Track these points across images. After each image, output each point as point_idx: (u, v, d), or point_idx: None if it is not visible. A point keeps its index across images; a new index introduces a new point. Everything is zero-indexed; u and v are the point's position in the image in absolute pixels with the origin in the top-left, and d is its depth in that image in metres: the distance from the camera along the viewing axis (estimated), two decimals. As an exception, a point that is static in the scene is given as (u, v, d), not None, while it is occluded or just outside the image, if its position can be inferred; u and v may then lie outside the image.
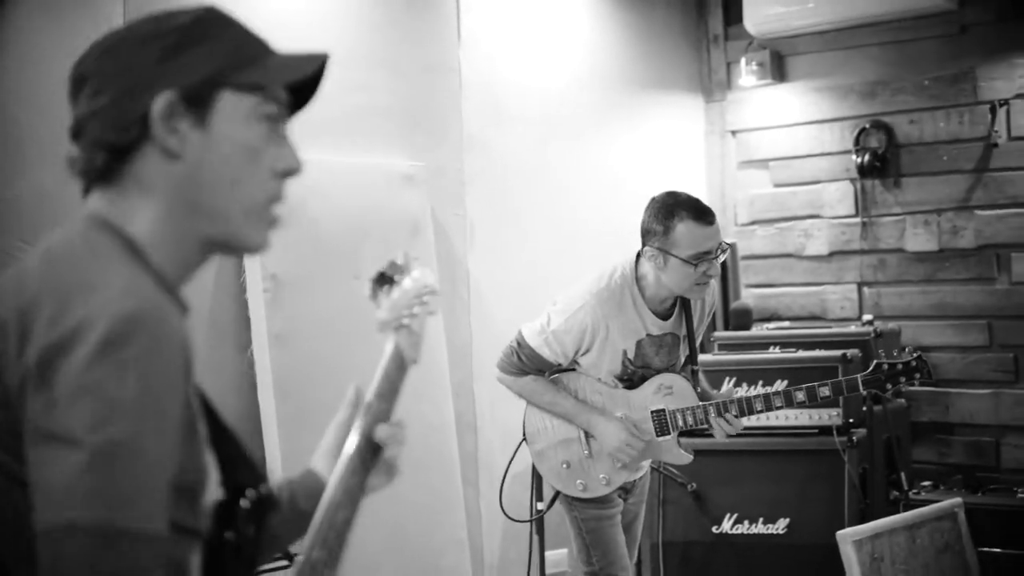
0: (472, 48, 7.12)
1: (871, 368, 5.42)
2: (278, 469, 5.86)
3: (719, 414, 5.28)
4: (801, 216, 8.26)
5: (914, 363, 5.42)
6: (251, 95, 2.10)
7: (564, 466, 5.46)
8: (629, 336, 5.31)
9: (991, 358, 7.58)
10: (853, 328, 7.41)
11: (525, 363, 5.42)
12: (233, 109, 2.07)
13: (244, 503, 2.12)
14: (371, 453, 2.55)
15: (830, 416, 6.68)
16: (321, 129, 6.31)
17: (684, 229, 5.09)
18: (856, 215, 8.00)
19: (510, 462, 5.90)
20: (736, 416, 5.30)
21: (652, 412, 5.37)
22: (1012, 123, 7.44)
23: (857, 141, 7.92)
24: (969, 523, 6.76)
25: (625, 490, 5.53)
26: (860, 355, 6.77)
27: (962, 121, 7.62)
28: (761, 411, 5.35)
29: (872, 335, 7.09)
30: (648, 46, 8.27)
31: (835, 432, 6.63)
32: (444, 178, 6.92)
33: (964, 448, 7.65)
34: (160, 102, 2.01)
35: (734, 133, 8.56)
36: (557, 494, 5.53)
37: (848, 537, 6.09)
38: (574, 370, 5.43)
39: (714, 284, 5.48)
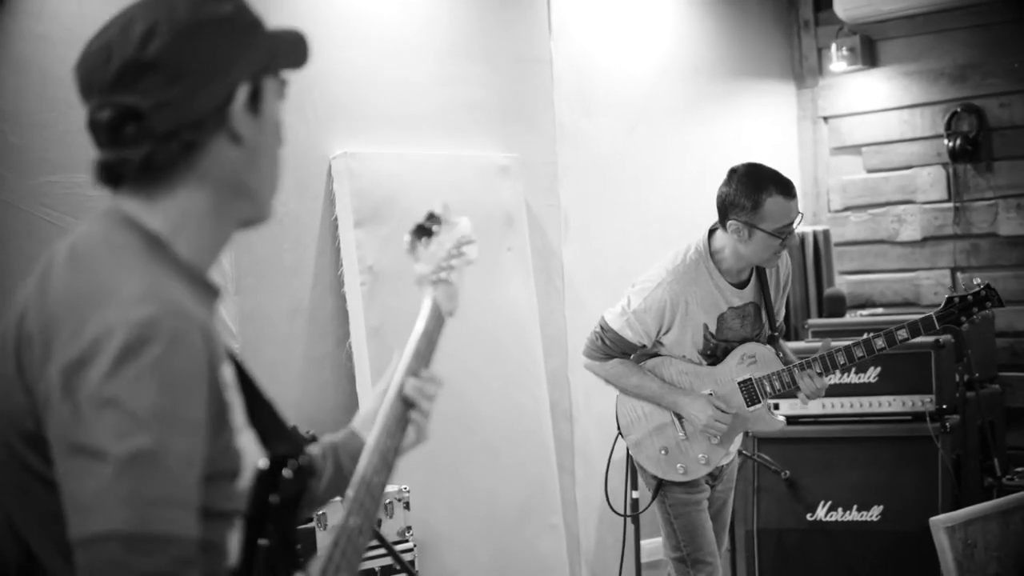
0: (563, 39, 7.17)
1: (943, 304, 5.39)
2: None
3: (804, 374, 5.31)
4: (894, 202, 8.25)
5: (983, 292, 5.37)
6: (277, 75, 2.14)
7: (663, 452, 5.46)
8: (710, 310, 5.31)
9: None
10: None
11: (609, 347, 5.43)
12: (271, 91, 2.12)
13: (287, 472, 2.17)
14: (404, 412, 2.49)
15: (923, 403, 6.67)
16: (415, 123, 6.41)
17: (773, 204, 5.11)
18: (948, 200, 7.98)
19: (611, 454, 5.93)
20: (820, 373, 5.30)
21: (739, 383, 5.37)
22: (1104, 105, 7.40)
23: (948, 125, 7.91)
24: (1064, 508, 6.73)
25: (713, 476, 5.54)
26: (953, 341, 6.76)
27: (1054, 104, 7.59)
28: (844, 364, 5.33)
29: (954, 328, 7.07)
30: (738, 33, 8.28)
31: (928, 419, 6.61)
32: (537, 169, 6.98)
33: (1059, 433, 7.62)
34: (243, 93, 2.04)
35: (826, 119, 8.56)
36: (659, 485, 5.52)
37: (941, 524, 6.09)
38: (658, 355, 5.46)
39: (785, 259, 5.51)
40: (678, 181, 7.75)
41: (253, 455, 2.14)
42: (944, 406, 6.68)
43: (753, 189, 5.15)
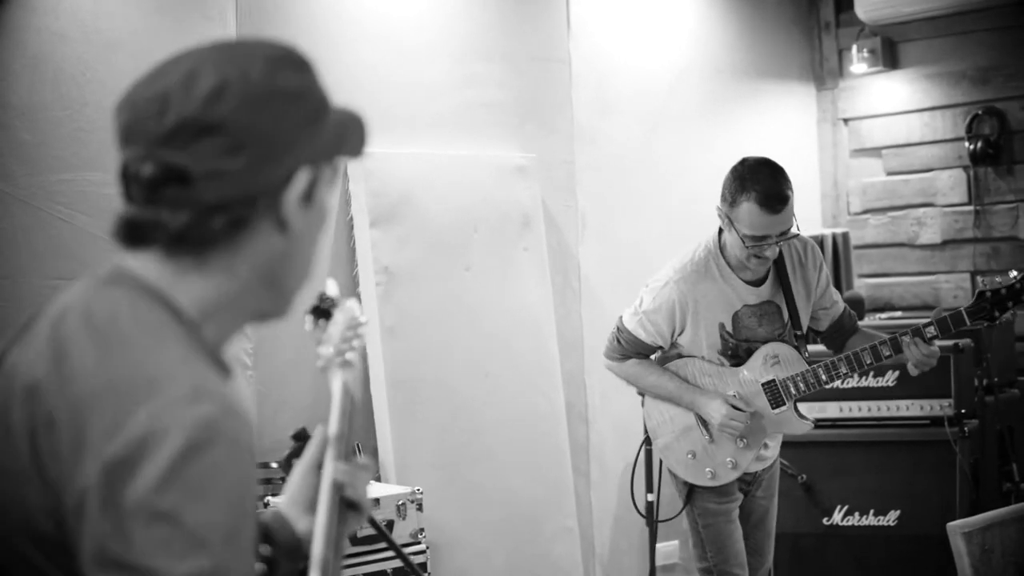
0: (582, 39, 7.15)
1: (975, 298, 5.14)
2: (390, 460, 5.94)
3: (829, 374, 5.19)
4: (914, 204, 8.21)
5: (1018, 284, 5.12)
6: (333, 162, 1.93)
7: (690, 456, 5.38)
8: (723, 308, 5.22)
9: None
10: (967, 317, 7.34)
11: (625, 347, 5.38)
12: (326, 179, 1.91)
13: (264, 550, 2.09)
14: (341, 499, 2.26)
15: (941, 407, 6.63)
16: (432, 122, 6.39)
17: (747, 211, 4.96)
18: (969, 203, 7.94)
19: (636, 458, 5.88)
20: (847, 373, 5.21)
21: (763, 384, 5.25)
22: None
23: (969, 128, 7.86)
24: (1083, 515, 6.69)
25: (747, 483, 5.45)
26: (973, 345, 6.72)
27: (1075, 107, 7.54)
28: (871, 364, 5.17)
29: (984, 324, 7.03)
30: (758, 34, 8.25)
31: (946, 423, 6.57)
32: (555, 169, 6.96)
33: (1078, 438, 7.56)
34: (303, 179, 1.84)
35: (846, 121, 8.52)
36: (690, 492, 5.43)
37: (958, 529, 6.06)
38: (680, 356, 5.38)
39: (808, 241, 5.38)
40: (696, 181, 7.71)
41: None
42: (963, 411, 6.64)
43: (738, 186, 5.01)
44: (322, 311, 2.39)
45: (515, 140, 6.77)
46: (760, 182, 4.99)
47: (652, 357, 5.43)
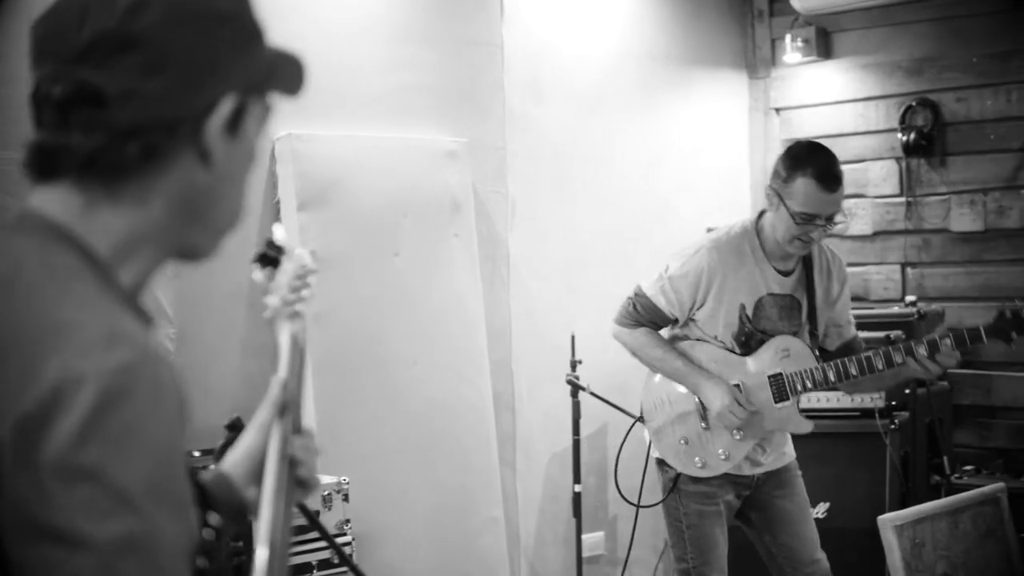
0: (515, 23, 7.05)
1: (995, 317, 5.12)
2: (316, 449, 5.84)
3: (838, 374, 5.12)
4: (845, 195, 8.15)
5: None
6: (264, 98, 1.81)
7: (682, 443, 5.29)
8: (748, 290, 5.16)
9: (1034, 340, 7.48)
10: (896, 309, 7.33)
11: (641, 313, 5.29)
12: (256, 114, 1.78)
13: (208, 533, 1.98)
14: (293, 472, 2.18)
15: (872, 399, 6.62)
16: (362, 105, 6.29)
17: (803, 185, 4.94)
18: (901, 194, 7.91)
19: (622, 445, 5.75)
20: (856, 375, 5.12)
21: (769, 376, 5.19)
22: (1061, 101, 7.34)
23: (903, 119, 7.83)
24: (1012, 508, 6.70)
25: (744, 486, 5.35)
26: (903, 336, 6.70)
27: (1010, 99, 7.51)
28: (881, 369, 5.07)
29: (915, 316, 7.02)
30: (692, 21, 8.18)
31: (877, 415, 6.57)
32: (486, 155, 6.86)
33: (1006, 432, 7.55)
34: (228, 105, 1.71)
35: (778, 111, 8.48)
36: (677, 480, 5.34)
37: (889, 522, 6.03)
38: (691, 339, 5.28)
39: (839, 255, 5.38)
40: (628, 169, 7.68)
41: None
42: (893, 403, 6.65)
43: (793, 163, 5.01)
44: (270, 259, 2.30)
45: (446, 124, 6.67)
46: (818, 160, 5.01)
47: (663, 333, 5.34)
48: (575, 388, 6.65)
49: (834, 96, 8.22)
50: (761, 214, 5.23)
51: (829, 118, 8.23)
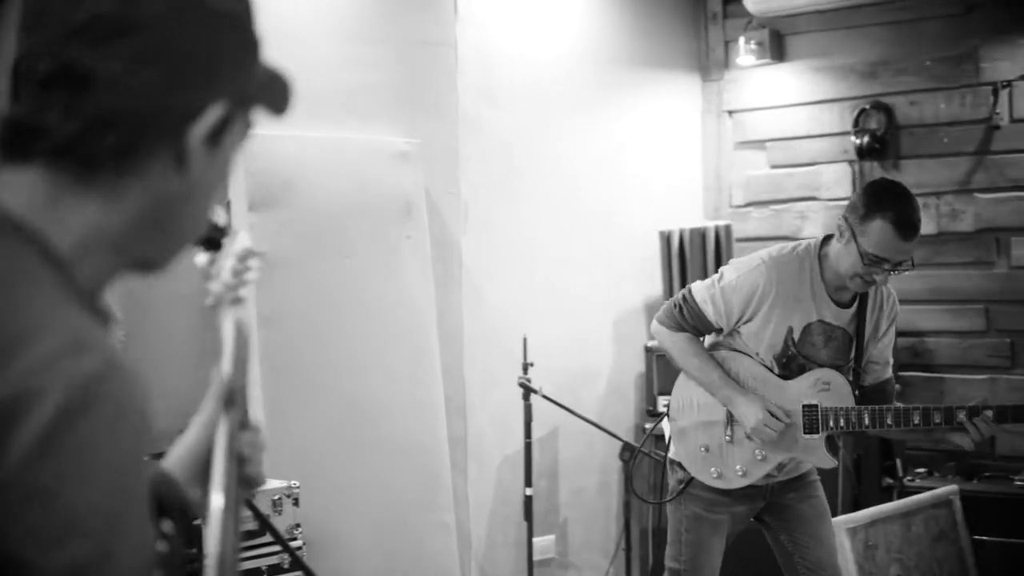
0: (469, 24, 7.01)
1: None
2: (266, 453, 5.78)
3: (873, 421, 4.99)
4: (797, 198, 8.18)
5: None
6: (248, 112, 1.71)
7: (703, 450, 5.18)
8: (799, 314, 5.03)
9: (988, 343, 7.49)
10: (849, 312, 7.32)
11: (686, 318, 5.14)
12: (237, 129, 1.68)
13: (162, 545, 1.89)
14: (241, 470, 2.10)
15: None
16: (314, 105, 6.22)
17: (879, 227, 4.77)
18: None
19: (641, 444, 5.71)
20: (891, 426, 5.00)
21: (804, 406, 5.06)
22: (1015, 105, 7.35)
23: (856, 122, 7.83)
24: (964, 510, 6.71)
25: (748, 495, 5.24)
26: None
27: (964, 103, 7.52)
28: (916, 425, 4.94)
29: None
30: (645, 23, 8.16)
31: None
32: (439, 156, 6.81)
33: (959, 434, 7.56)
34: (215, 112, 1.61)
35: (731, 113, 8.46)
36: (687, 485, 5.23)
37: (842, 525, 6.04)
38: (733, 350, 5.18)
39: (894, 293, 5.25)
40: (582, 171, 7.65)
41: None
42: (847, 406, 6.62)
43: (875, 202, 4.84)
44: (211, 242, 2.15)
45: (399, 125, 6.62)
46: (900, 205, 4.86)
47: (705, 341, 5.26)
48: (527, 391, 6.61)
49: (787, 99, 8.21)
50: (826, 239, 5.09)
51: (782, 121, 8.23)
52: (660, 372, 7.50)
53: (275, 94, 1.73)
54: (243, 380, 2.11)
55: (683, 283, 7.86)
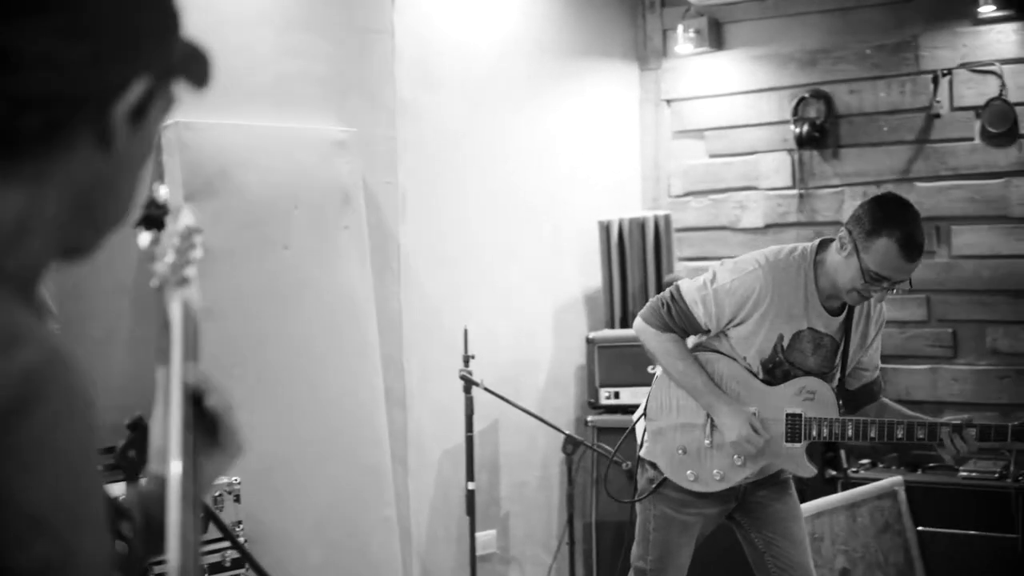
0: (406, 11, 6.91)
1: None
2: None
3: (856, 432, 4.95)
4: (736, 188, 8.14)
5: None
6: (170, 87, 1.63)
7: (680, 451, 5.11)
8: (790, 321, 4.96)
9: (929, 333, 7.48)
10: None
11: (673, 318, 5.04)
12: (160, 104, 1.60)
13: (120, 546, 1.85)
14: (207, 439, 2.02)
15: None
16: (250, 93, 6.12)
17: (884, 246, 4.72)
18: (793, 187, 7.89)
19: (621, 439, 5.57)
20: (874, 439, 4.96)
21: (787, 415, 5.00)
22: (955, 93, 7.34)
23: (795, 111, 7.81)
24: (909, 502, 6.70)
25: (734, 498, 5.18)
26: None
27: (903, 91, 7.51)
28: (900, 439, 4.93)
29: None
30: (584, 11, 8.10)
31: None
32: (376, 145, 6.71)
33: (901, 424, 7.54)
34: (139, 88, 1.53)
35: (669, 102, 8.42)
36: (660, 486, 5.16)
37: (789, 518, 5.99)
38: (718, 352, 5.09)
39: (884, 308, 5.21)
40: (520, 160, 7.59)
41: None
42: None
43: (882, 219, 4.77)
44: (153, 220, 2.04)
45: (336, 114, 6.52)
46: (908, 225, 4.79)
47: (689, 340, 5.15)
48: (468, 383, 6.52)
49: (726, 87, 8.17)
50: (823, 244, 5.02)
51: (721, 110, 8.19)
52: (602, 364, 7.44)
53: (196, 67, 1.66)
54: (194, 361, 2.04)
55: (623, 273, 7.81)
